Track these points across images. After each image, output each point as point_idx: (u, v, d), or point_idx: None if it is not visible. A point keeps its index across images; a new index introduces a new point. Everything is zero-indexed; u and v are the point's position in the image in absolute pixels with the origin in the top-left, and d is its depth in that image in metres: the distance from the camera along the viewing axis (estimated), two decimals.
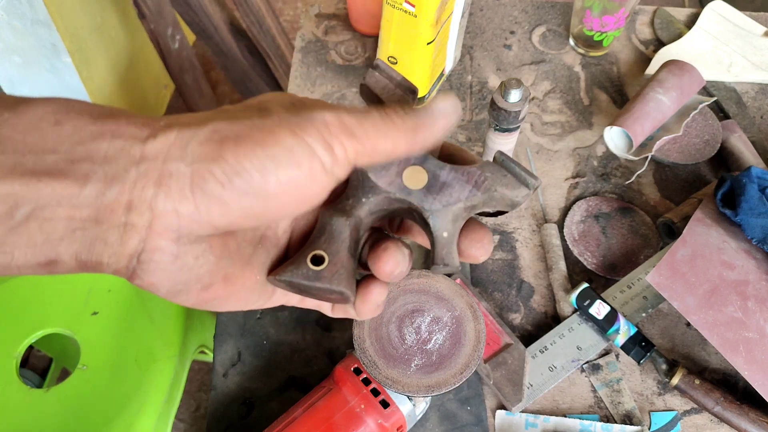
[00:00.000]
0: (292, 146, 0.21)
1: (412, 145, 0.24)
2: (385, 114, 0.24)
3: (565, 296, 0.58)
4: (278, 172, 0.21)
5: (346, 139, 0.23)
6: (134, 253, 0.21)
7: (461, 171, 0.26)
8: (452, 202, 0.26)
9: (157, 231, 0.21)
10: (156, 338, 0.80)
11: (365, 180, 0.26)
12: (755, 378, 0.50)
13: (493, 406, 0.54)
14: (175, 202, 0.21)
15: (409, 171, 0.26)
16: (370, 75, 0.28)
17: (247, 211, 0.22)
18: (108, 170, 0.20)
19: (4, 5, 1.03)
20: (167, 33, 1.27)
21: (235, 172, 0.21)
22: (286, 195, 0.22)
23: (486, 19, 0.83)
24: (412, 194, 0.26)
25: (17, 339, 0.78)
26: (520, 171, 0.27)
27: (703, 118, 0.71)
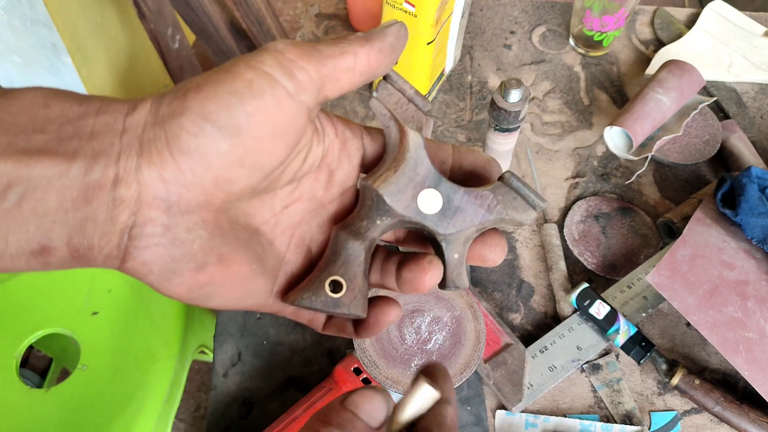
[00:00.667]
0: (251, 78, 0.21)
1: (373, 58, 0.24)
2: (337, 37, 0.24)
3: (565, 296, 0.58)
4: (244, 106, 0.21)
5: (305, 63, 0.22)
6: (125, 228, 0.21)
7: (474, 195, 0.27)
8: (465, 227, 0.26)
9: (146, 202, 0.21)
10: (156, 338, 0.80)
11: (380, 202, 0.26)
12: (755, 378, 0.50)
13: (493, 406, 0.54)
14: (158, 168, 0.21)
15: (424, 195, 0.26)
16: (382, 88, 0.26)
17: (229, 159, 0.21)
18: (95, 146, 0.20)
19: (4, 5, 1.03)
20: (167, 33, 1.27)
21: (203, 118, 0.21)
22: (259, 128, 0.22)
23: (486, 19, 0.83)
24: (427, 218, 0.26)
25: (17, 339, 0.78)
26: (528, 193, 0.27)
27: (703, 118, 0.71)
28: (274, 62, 0.22)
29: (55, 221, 0.20)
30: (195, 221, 0.22)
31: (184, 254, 0.22)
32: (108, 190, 0.20)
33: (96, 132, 0.21)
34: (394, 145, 0.27)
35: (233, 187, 0.22)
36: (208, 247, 0.23)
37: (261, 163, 0.23)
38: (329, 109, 0.74)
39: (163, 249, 0.22)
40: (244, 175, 0.22)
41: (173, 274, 0.22)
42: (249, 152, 0.22)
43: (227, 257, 0.24)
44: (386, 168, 0.26)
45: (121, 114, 0.21)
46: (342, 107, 0.74)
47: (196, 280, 0.23)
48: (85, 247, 0.21)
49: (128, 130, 0.21)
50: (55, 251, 0.21)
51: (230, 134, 0.21)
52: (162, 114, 0.21)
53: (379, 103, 0.26)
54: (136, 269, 0.22)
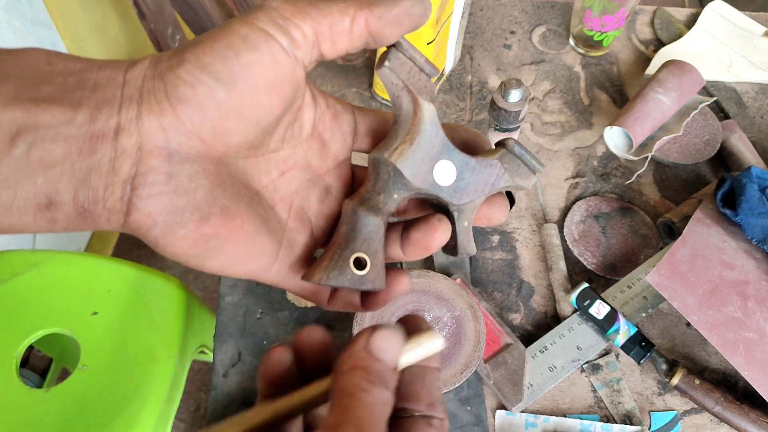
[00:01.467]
0: (246, 34, 0.22)
1: (372, 25, 0.24)
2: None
3: (565, 296, 0.58)
4: (239, 58, 0.22)
5: (300, 20, 0.23)
6: (128, 179, 0.21)
7: (484, 164, 0.27)
8: (477, 196, 0.27)
9: (147, 150, 0.21)
10: (156, 338, 0.80)
11: (398, 176, 0.26)
12: (755, 378, 0.50)
13: (493, 406, 0.54)
14: (158, 117, 0.21)
15: (440, 166, 0.26)
16: (394, 57, 0.26)
17: (225, 109, 0.22)
18: (98, 96, 0.21)
19: (4, 5, 1.03)
20: (167, 33, 1.27)
21: (199, 68, 0.21)
22: (254, 80, 0.22)
23: (486, 19, 0.83)
24: (442, 190, 0.27)
25: (17, 339, 0.78)
26: (530, 159, 0.28)
27: (703, 118, 0.71)
28: (268, 19, 0.22)
29: (63, 172, 0.21)
30: (196, 170, 0.22)
31: (187, 203, 0.22)
32: (110, 139, 0.21)
33: (98, 84, 0.21)
34: (406, 116, 0.26)
35: (231, 140, 0.23)
36: (211, 198, 0.23)
37: (257, 116, 0.23)
38: None
39: (167, 198, 0.22)
40: (241, 127, 0.23)
41: (178, 226, 0.22)
42: (245, 103, 0.22)
43: (230, 210, 0.24)
44: (401, 141, 0.26)
45: (122, 69, 0.22)
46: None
47: (201, 231, 0.23)
48: (90, 201, 0.21)
49: (128, 82, 0.22)
50: (61, 206, 0.21)
51: (226, 84, 0.22)
52: (161, 68, 0.22)
53: (390, 71, 0.26)
54: (140, 222, 0.22)
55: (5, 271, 0.82)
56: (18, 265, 0.82)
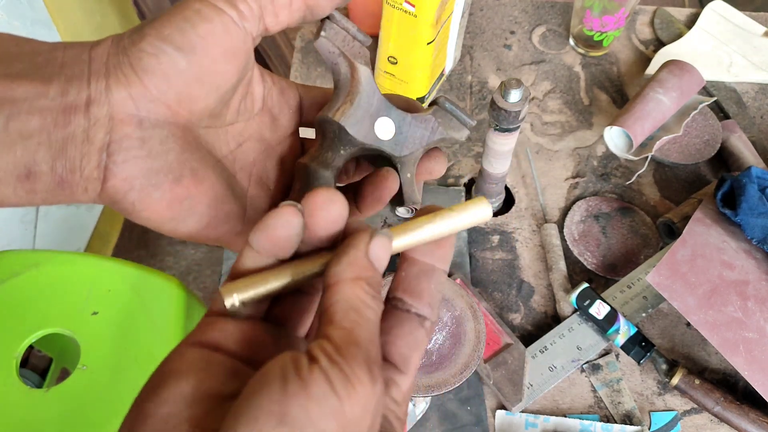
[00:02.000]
0: (199, 8, 0.24)
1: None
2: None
3: (565, 296, 0.58)
4: (196, 29, 0.24)
5: None
6: (102, 146, 0.23)
7: (419, 119, 0.30)
8: (415, 148, 0.30)
9: (119, 119, 0.23)
10: (156, 338, 0.80)
11: (342, 133, 0.28)
12: (755, 378, 0.50)
13: (493, 406, 0.54)
14: (126, 87, 0.23)
15: (380, 122, 0.29)
16: (329, 28, 0.28)
17: (187, 76, 0.24)
18: (66, 72, 0.23)
19: (4, 5, 1.03)
20: None
21: (160, 40, 0.23)
22: (211, 48, 0.24)
23: (486, 19, 0.83)
24: (384, 144, 0.29)
25: (17, 339, 0.78)
26: (461, 114, 0.30)
27: (703, 118, 0.71)
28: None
29: (40, 143, 0.22)
30: (166, 134, 0.24)
31: (161, 165, 0.24)
32: (83, 111, 0.22)
33: (65, 62, 0.23)
34: (345, 80, 0.28)
35: (194, 105, 0.25)
36: (181, 160, 0.25)
37: (216, 83, 0.25)
38: None
39: (142, 161, 0.23)
40: (203, 93, 0.25)
41: (153, 188, 0.24)
42: (205, 70, 0.24)
43: (199, 172, 0.25)
44: (342, 102, 0.28)
45: (86, 48, 0.24)
46: None
47: (175, 192, 0.24)
48: (67, 170, 0.22)
49: (94, 59, 0.23)
50: (41, 176, 0.22)
51: (186, 53, 0.23)
52: (123, 44, 0.23)
53: (327, 41, 0.28)
54: (116, 188, 0.23)
55: (5, 271, 0.82)
56: (18, 265, 0.82)
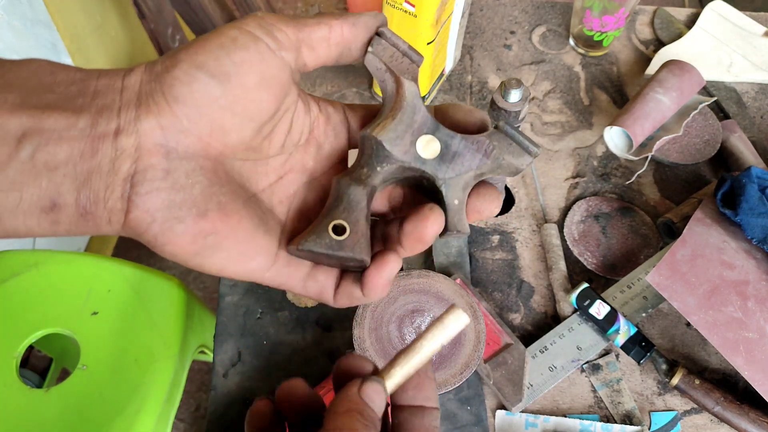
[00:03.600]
0: (235, 35, 0.24)
1: (346, 31, 0.26)
2: (317, 13, 0.27)
3: (565, 296, 0.58)
4: (231, 56, 0.23)
5: (283, 25, 0.25)
6: (127, 177, 0.22)
7: (471, 140, 0.27)
8: (464, 171, 0.27)
9: (146, 149, 0.22)
10: (156, 338, 0.80)
11: (380, 149, 0.26)
12: (755, 378, 0.50)
13: (493, 406, 0.54)
14: (156, 117, 0.22)
15: (422, 140, 0.27)
16: (376, 43, 0.27)
17: (220, 105, 0.23)
18: (98, 102, 0.22)
19: (4, 5, 1.03)
20: (167, 33, 1.27)
21: (194, 67, 0.23)
22: (246, 76, 0.23)
23: (486, 19, 0.83)
24: (426, 164, 0.27)
25: (17, 339, 0.78)
26: (523, 139, 0.28)
27: (703, 118, 0.71)
28: (255, 24, 0.24)
29: (66, 174, 0.21)
30: (193, 167, 0.23)
31: (185, 199, 0.23)
32: (111, 141, 0.22)
33: (98, 91, 0.23)
34: (390, 96, 0.27)
35: (227, 137, 0.24)
36: (208, 194, 0.24)
37: (251, 113, 0.24)
38: None
39: (165, 193, 0.23)
40: (236, 124, 0.24)
41: (176, 221, 0.23)
42: (239, 100, 0.23)
43: (228, 206, 0.24)
44: (384, 117, 0.27)
45: (119, 76, 0.23)
46: None
47: (199, 227, 0.23)
48: (91, 202, 0.22)
49: (126, 88, 0.23)
50: (65, 207, 0.22)
51: (220, 81, 0.23)
52: (156, 71, 0.23)
53: (374, 57, 0.27)
54: (139, 219, 0.22)
55: (5, 271, 0.82)
56: (18, 265, 0.82)
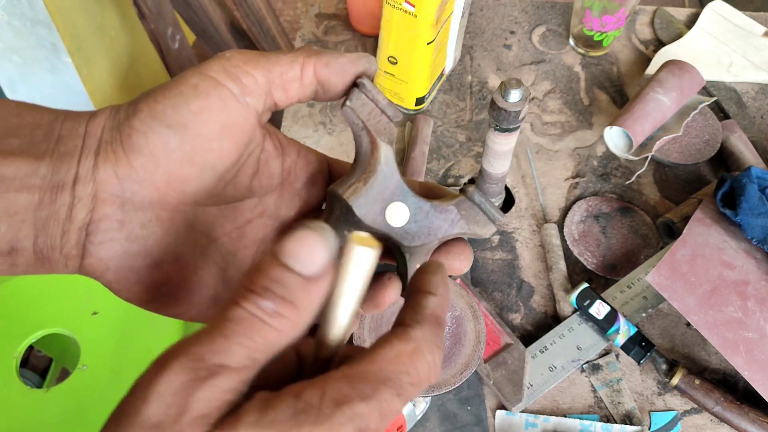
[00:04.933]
0: (196, 82, 0.23)
1: (320, 72, 0.25)
2: (292, 49, 0.25)
3: (565, 296, 0.58)
4: (189, 105, 0.22)
5: (250, 68, 0.23)
6: (83, 226, 0.22)
7: (440, 209, 0.27)
8: (429, 240, 0.27)
9: (101, 198, 0.22)
10: (156, 338, 0.80)
11: (349, 213, 0.26)
12: (755, 378, 0.50)
13: (493, 406, 0.54)
14: (113, 166, 0.22)
15: (392, 208, 0.27)
16: (356, 97, 0.26)
17: (177, 155, 0.22)
18: (60, 148, 0.22)
19: (4, 5, 1.03)
20: (167, 33, 1.27)
21: (151, 117, 0.22)
22: (204, 125, 0.23)
23: (486, 19, 0.83)
24: (393, 231, 0.27)
25: (17, 339, 0.78)
26: (489, 208, 0.28)
27: (703, 118, 0.71)
28: (219, 68, 0.23)
29: (24, 220, 0.21)
30: (149, 218, 0.23)
31: (139, 250, 0.23)
32: (69, 189, 0.22)
33: (62, 136, 0.22)
34: (365, 155, 0.27)
35: (186, 187, 0.23)
36: (163, 245, 0.23)
37: (211, 162, 0.23)
38: (330, 111, 0.74)
39: (119, 244, 0.22)
40: (194, 174, 0.23)
41: (129, 271, 0.23)
42: (197, 149, 0.23)
43: (183, 257, 0.24)
44: (356, 179, 0.26)
45: (84, 120, 0.23)
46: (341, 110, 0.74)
47: (153, 278, 0.23)
48: (48, 247, 0.22)
49: (89, 133, 0.23)
50: (22, 252, 0.22)
51: (176, 131, 0.22)
52: (118, 119, 0.23)
53: (351, 112, 0.26)
54: (93, 266, 0.23)
55: None
56: None
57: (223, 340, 0.18)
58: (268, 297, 0.18)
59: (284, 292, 0.18)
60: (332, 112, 0.74)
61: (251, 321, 0.18)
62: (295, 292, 0.18)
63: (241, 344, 0.18)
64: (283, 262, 0.18)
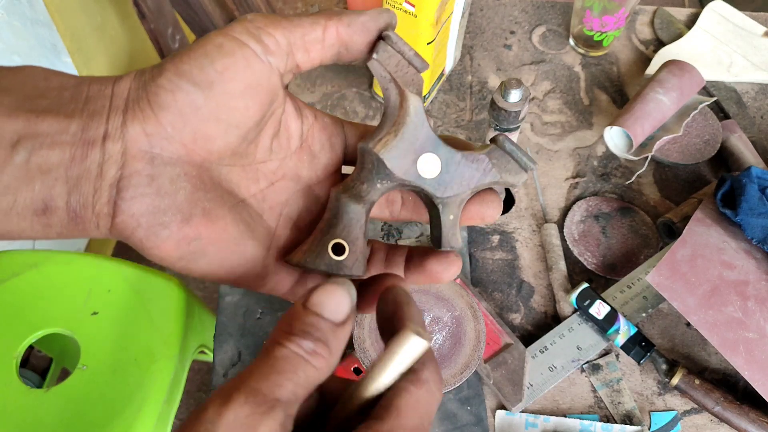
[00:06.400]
0: (221, 42, 0.23)
1: (342, 32, 0.25)
2: (312, 12, 0.26)
3: (565, 296, 0.58)
4: (214, 64, 0.23)
5: (272, 29, 0.24)
6: (113, 182, 0.22)
7: (471, 158, 0.27)
8: (461, 190, 0.27)
9: (131, 154, 0.23)
10: (156, 338, 0.80)
11: (381, 166, 0.26)
12: (755, 378, 0.50)
13: (493, 406, 0.54)
14: (141, 123, 0.23)
15: (424, 159, 0.27)
16: (382, 50, 0.26)
17: (204, 113, 0.23)
18: (89, 108, 0.23)
19: (4, 5, 1.03)
20: (167, 33, 1.27)
21: (178, 75, 0.23)
22: (230, 83, 0.23)
23: (486, 19, 0.83)
24: (426, 182, 0.27)
25: (17, 339, 0.78)
26: (521, 156, 0.28)
27: (703, 118, 0.71)
28: (242, 29, 0.24)
29: (57, 178, 0.22)
30: (178, 173, 0.24)
31: (169, 204, 0.23)
32: (99, 146, 0.22)
33: (90, 97, 0.23)
34: (393, 108, 0.27)
35: (212, 144, 0.24)
36: (192, 200, 0.24)
37: (236, 120, 0.24)
38: (331, 110, 0.74)
39: (149, 199, 0.23)
40: (221, 131, 0.24)
41: (160, 227, 0.23)
42: (222, 107, 0.23)
43: (213, 212, 0.25)
44: (386, 132, 0.26)
45: (110, 82, 0.24)
46: (342, 107, 0.74)
47: (183, 233, 0.24)
48: (81, 206, 0.22)
49: (116, 94, 0.23)
50: (56, 211, 0.22)
51: (203, 89, 0.23)
52: (144, 79, 0.23)
53: (379, 64, 0.26)
54: (125, 224, 0.23)
55: (5, 271, 0.82)
56: (18, 265, 0.82)
57: (276, 376, 0.21)
58: (307, 338, 0.21)
59: (319, 334, 0.22)
60: (332, 112, 0.74)
61: (295, 359, 0.21)
62: (328, 335, 0.22)
63: (290, 380, 0.21)
64: (316, 311, 0.22)
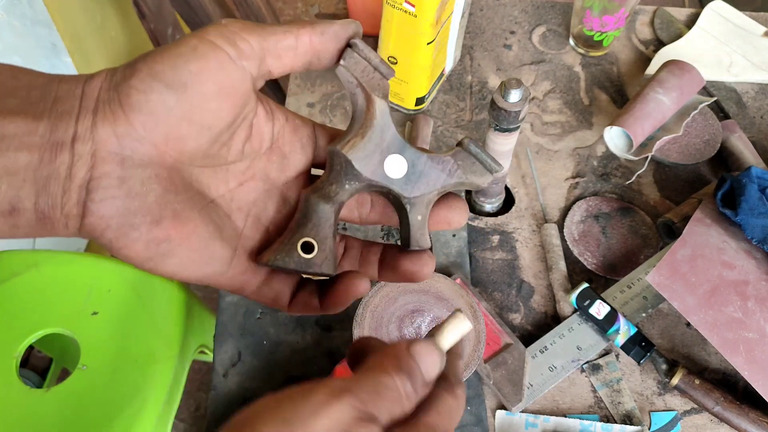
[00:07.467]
0: (195, 44, 0.23)
1: (315, 41, 0.26)
2: (286, 21, 0.26)
3: (565, 296, 0.58)
4: (188, 65, 0.23)
5: (247, 35, 0.24)
6: (83, 184, 0.22)
7: (436, 160, 0.29)
8: (428, 190, 0.28)
9: (101, 157, 0.22)
10: (156, 338, 0.80)
11: (349, 167, 0.27)
12: (755, 378, 0.50)
13: (493, 406, 0.54)
14: (112, 124, 0.22)
15: (390, 160, 0.28)
16: (348, 56, 0.27)
17: (176, 114, 0.23)
18: (58, 108, 0.22)
19: (4, 5, 1.03)
20: (167, 33, 1.27)
21: (151, 76, 0.23)
22: (203, 85, 0.23)
23: (486, 19, 0.83)
24: (393, 183, 0.28)
25: (17, 339, 0.78)
26: (486, 158, 0.29)
27: (703, 118, 0.71)
28: (217, 32, 0.24)
29: (25, 179, 0.22)
30: (148, 175, 0.23)
31: (139, 207, 0.23)
32: (68, 148, 0.22)
33: (59, 97, 0.23)
34: (360, 112, 0.28)
35: (184, 146, 0.24)
36: (162, 202, 0.24)
37: (208, 122, 0.24)
38: (330, 110, 0.74)
39: (120, 201, 0.23)
40: (193, 132, 0.24)
41: (130, 228, 0.23)
42: (195, 109, 0.23)
43: (182, 214, 0.25)
44: (354, 134, 0.27)
45: (80, 82, 0.23)
46: (342, 107, 0.74)
47: (153, 234, 0.24)
48: (49, 207, 0.22)
49: (86, 94, 0.23)
50: (23, 212, 0.22)
51: (176, 90, 0.23)
52: (116, 79, 0.23)
53: (345, 71, 0.27)
54: (94, 225, 0.23)
55: (5, 271, 0.82)
56: (18, 265, 0.82)
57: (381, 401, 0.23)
58: (410, 382, 0.24)
59: (417, 384, 0.24)
60: (332, 112, 0.74)
61: (396, 393, 0.23)
62: (419, 388, 0.25)
63: (387, 409, 0.23)
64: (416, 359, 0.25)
